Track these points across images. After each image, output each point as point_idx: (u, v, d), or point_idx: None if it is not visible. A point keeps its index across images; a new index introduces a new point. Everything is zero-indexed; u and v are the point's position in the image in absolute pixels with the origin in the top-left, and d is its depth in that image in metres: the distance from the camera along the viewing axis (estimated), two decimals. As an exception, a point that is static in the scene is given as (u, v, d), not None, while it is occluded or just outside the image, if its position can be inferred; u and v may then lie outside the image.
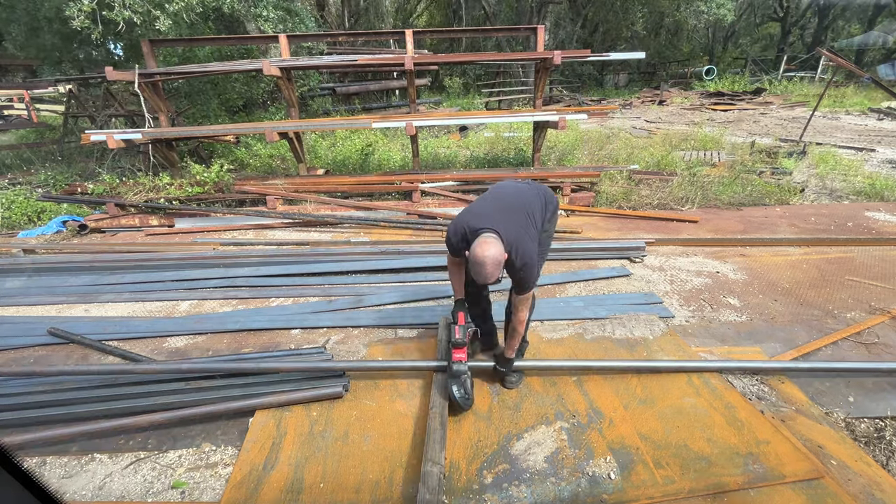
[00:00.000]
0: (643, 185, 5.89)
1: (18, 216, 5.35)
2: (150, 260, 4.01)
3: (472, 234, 1.91)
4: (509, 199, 2.07)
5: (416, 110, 6.39)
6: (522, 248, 1.89)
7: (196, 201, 5.28)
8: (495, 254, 1.80)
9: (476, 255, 1.81)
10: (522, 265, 1.91)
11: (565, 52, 5.41)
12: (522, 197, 2.09)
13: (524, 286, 1.98)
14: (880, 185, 5.81)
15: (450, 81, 17.59)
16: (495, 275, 1.84)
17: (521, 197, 2.09)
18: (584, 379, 2.39)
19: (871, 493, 1.72)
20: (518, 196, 2.10)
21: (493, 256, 1.79)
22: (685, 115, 13.30)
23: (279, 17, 8.23)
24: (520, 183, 2.25)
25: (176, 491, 1.84)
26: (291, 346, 2.79)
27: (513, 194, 2.12)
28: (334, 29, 15.67)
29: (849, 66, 8.38)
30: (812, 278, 3.52)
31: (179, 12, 6.37)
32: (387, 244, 4.27)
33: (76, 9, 5.90)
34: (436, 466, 1.75)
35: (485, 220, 1.91)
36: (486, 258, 1.79)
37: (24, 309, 3.37)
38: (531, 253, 1.91)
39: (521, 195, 2.11)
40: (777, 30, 27.35)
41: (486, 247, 1.81)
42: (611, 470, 1.84)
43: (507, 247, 1.87)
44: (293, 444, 2.02)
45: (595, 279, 3.57)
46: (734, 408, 2.15)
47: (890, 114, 11.71)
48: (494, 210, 1.98)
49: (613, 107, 14.36)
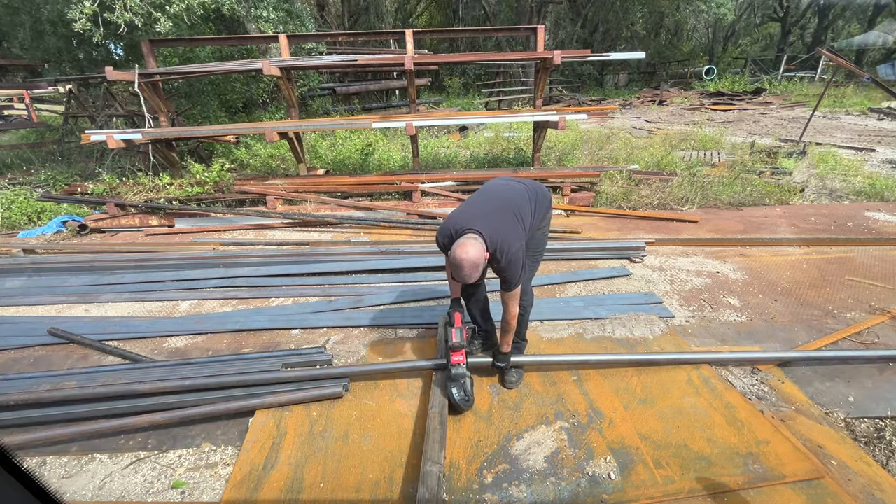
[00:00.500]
0: (643, 185, 5.88)
1: (18, 216, 5.35)
2: (150, 260, 4.01)
3: (457, 235, 1.94)
4: (497, 199, 2.08)
5: (416, 110, 6.39)
6: (507, 247, 1.91)
7: (196, 201, 5.28)
8: (473, 256, 1.82)
9: (455, 257, 1.84)
10: (507, 263, 1.93)
11: (565, 52, 5.41)
12: (511, 196, 2.10)
13: (510, 283, 2.00)
14: (880, 185, 5.81)
15: (450, 81, 17.59)
16: (474, 276, 1.87)
17: (510, 196, 2.10)
18: (584, 379, 2.39)
19: (871, 493, 1.72)
20: (507, 195, 2.11)
21: (470, 259, 1.82)
22: (685, 115, 13.31)
23: (279, 17, 8.24)
24: (511, 181, 2.25)
25: (176, 491, 1.84)
26: (291, 346, 2.78)
27: (501, 193, 2.12)
28: (334, 29, 15.68)
29: (849, 66, 8.38)
30: (812, 278, 3.52)
31: (180, 14, 6.38)
32: (387, 244, 4.27)
33: (78, 11, 5.91)
34: (435, 466, 1.75)
35: (469, 221, 1.95)
36: (462, 260, 1.82)
37: (24, 309, 3.37)
38: (516, 251, 1.93)
39: (509, 194, 2.11)
40: (777, 30, 27.35)
41: (464, 248, 1.84)
42: (611, 470, 1.84)
43: (492, 246, 1.90)
44: (293, 444, 2.02)
45: (595, 279, 3.57)
46: (734, 408, 2.15)
47: (890, 114, 11.71)
48: (481, 210, 2.01)
49: (613, 107, 14.36)
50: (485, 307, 2.49)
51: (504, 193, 2.12)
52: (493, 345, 2.54)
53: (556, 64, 5.32)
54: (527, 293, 2.29)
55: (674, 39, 25.34)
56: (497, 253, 1.91)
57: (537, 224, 2.18)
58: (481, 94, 15.39)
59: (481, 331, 2.58)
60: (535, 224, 2.15)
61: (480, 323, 2.53)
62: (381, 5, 19.50)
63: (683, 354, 2.51)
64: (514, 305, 2.08)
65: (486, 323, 2.54)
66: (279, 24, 8.23)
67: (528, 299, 2.33)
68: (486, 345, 2.61)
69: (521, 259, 1.97)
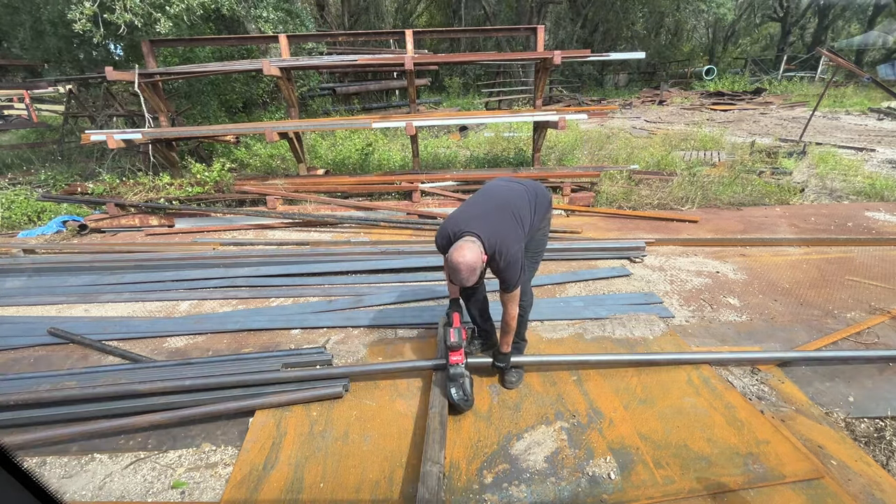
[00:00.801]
0: (643, 185, 5.88)
1: (18, 216, 5.35)
2: (150, 260, 4.01)
3: (455, 237, 1.93)
4: (496, 200, 2.07)
5: (416, 110, 6.39)
6: (506, 249, 1.90)
7: (196, 201, 5.29)
8: (469, 259, 1.82)
9: (452, 260, 1.84)
10: (506, 265, 1.92)
11: (565, 52, 5.41)
12: (510, 197, 2.09)
13: (509, 284, 1.99)
14: (880, 185, 5.81)
15: (450, 81, 17.58)
16: (471, 279, 1.86)
17: (509, 197, 2.09)
18: (584, 379, 2.39)
19: (871, 493, 1.72)
20: (506, 196, 2.10)
21: (467, 262, 1.81)
22: (685, 115, 13.30)
23: (279, 18, 8.24)
24: (510, 181, 2.24)
25: (176, 491, 1.84)
26: (291, 346, 2.79)
27: (500, 194, 2.11)
28: (334, 29, 15.68)
29: (849, 66, 8.39)
30: (812, 278, 3.52)
31: (180, 14, 6.38)
32: (387, 244, 4.27)
33: (78, 12, 5.92)
34: (435, 466, 1.75)
35: (468, 223, 1.94)
36: (459, 264, 1.82)
37: (24, 309, 3.37)
38: (515, 253, 1.93)
39: (508, 195, 2.10)
40: (777, 30, 27.34)
41: (461, 252, 1.83)
42: (611, 470, 1.84)
43: (490, 248, 1.90)
44: (293, 444, 2.02)
45: (595, 279, 3.57)
46: (734, 408, 2.15)
47: (890, 114, 11.71)
48: (479, 212, 2.01)
49: (613, 107, 14.36)
50: (484, 307, 2.49)
51: (503, 194, 2.11)
52: (493, 345, 2.54)
53: (556, 64, 5.32)
54: (526, 294, 2.29)
55: (674, 39, 25.32)
56: (496, 255, 1.91)
57: (537, 225, 2.18)
58: (481, 94, 15.39)
59: (480, 331, 2.58)
60: (534, 225, 2.14)
61: (480, 323, 2.53)
62: (381, 5, 19.50)
63: (683, 355, 2.51)
64: (513, 306, 2.08)
65: (486, 323, 2.54)
66: (279, 24, 8.23)
67: (528, 300, 2.32)
68: (485, 345, 2.61)
69: (521, 260, 1.96)
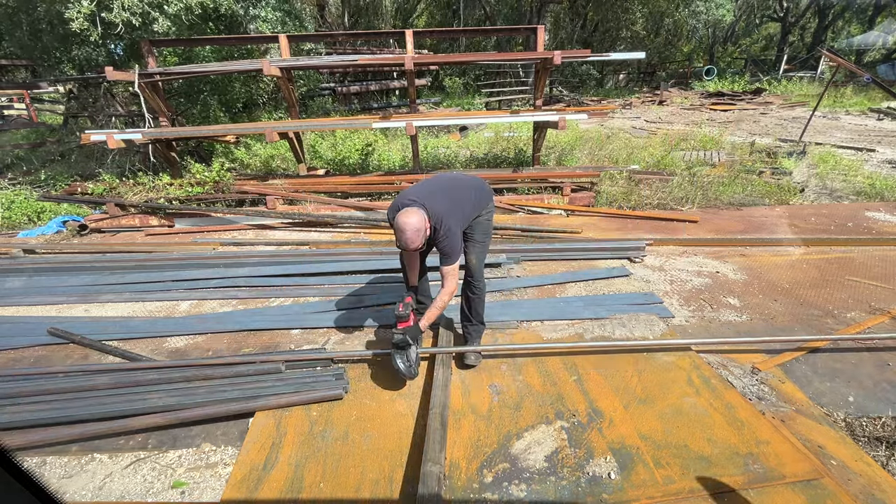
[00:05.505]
0: (643, 185, 5.88)
1: (18, 216, 5.35)
2: (150, 260, 4.01)
3: (402, 207, 2.19)
4: (441, 184, 2.40)
5: (416, 110, 6.38)
6: (446, 222, 2.19)
7: (196, 201, 5.28)
8: (415, 222, 2.08)
9: (398, 221, 2.10)
10: (445, 235, 2.20)
11: (565, 52, 5.40)
12: (454, 185, 2.43)
13: (449, 256, 2.24)
14: (880, 185, 5.81)
15: (450, 81, 17.60)
16: (416, 241, 2.10)
17: (453, 183, 2.44)
18: (584, 379, 2.39)
19: (871, 493, 1.72)
20: (450, 183, 2.44)
21: (411, 224, 2.07)
22: (685, 115, 13.30)
23: (278, 18, 8.23)
24: (459, 175, 2.64)
25: (176, 491, 1.84)
26: (291, 346, 2.79)
27: (446, 181, 2.47)
28: (334, 29, 15.66)
29: (849, 66, 8.39)
30: (812, 278, 3.52)
31: (178, 13, 6.37)
32: (387, 244, 4.26)
33: (75, 11, 5.91)
34: (436, 466, 1.75)
35: (414, 197, 2.22)
36: (405, 224, 2.08)
37: (24, 309, 3.37)
38: (454, 228, 2.22)
39: (452, 182, 2.46)
40: (777, 30, 27.35)
41: (407, 214, 2.10)
42: (611, 469, 1.84)
43: (433, 219, 2.18)
44: (293, 444, 2.02)
45: (595, 279, 3.57)
46: (734, 408, 2.15)
47: (890, 114, 11.71)
48: (426, 191, 2.30)
49: (613, 107, 14.36)
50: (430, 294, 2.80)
51: (448, 181, 2.47)
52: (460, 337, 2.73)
53: (556, 64, 5.31)
54: (479, 279, 2.51)
55: (674, 40, 25.31)
56: (437, 225, 2.19)
57: (478, 214, 2.47)
58: (481, 94, 15.36)
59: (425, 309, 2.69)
60: (476, 209, 2.44)
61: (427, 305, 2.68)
62: (381, 5, 19.48)
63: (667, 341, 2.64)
64: (451, 282, 2.27)
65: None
66: (278, 24, 8.22)
67: (481, 285, 2.52)
68: None
69: (458, 234, 2.26)
